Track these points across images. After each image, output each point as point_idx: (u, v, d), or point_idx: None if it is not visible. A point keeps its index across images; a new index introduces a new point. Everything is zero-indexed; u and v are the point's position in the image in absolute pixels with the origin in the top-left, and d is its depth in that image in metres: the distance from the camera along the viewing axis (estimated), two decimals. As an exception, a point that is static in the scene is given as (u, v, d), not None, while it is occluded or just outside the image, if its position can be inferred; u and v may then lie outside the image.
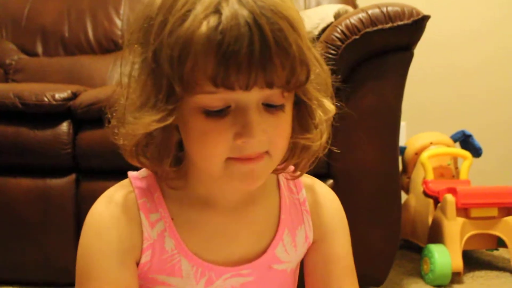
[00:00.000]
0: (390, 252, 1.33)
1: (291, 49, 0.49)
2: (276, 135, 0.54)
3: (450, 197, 1.50)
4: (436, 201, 1.61)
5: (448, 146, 1.76)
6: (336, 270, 0.67)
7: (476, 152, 1.73)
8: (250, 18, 0.47)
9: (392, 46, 1.26)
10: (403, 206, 1.69)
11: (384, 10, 1.21)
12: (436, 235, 1.54)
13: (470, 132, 1.76)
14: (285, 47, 0.48)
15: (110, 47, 2.05)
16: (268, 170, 0.57)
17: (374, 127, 1.29)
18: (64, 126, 1.34)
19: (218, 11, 0.47)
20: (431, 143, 1.76)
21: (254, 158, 0.53)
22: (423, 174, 1.68)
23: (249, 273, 0.62)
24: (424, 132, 1.84)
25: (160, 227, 0.60)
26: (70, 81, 1.76)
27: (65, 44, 2.06)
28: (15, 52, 2.07)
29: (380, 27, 1.21)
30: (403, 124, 1.69)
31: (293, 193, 0.67)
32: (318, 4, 1.91)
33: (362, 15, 1.22)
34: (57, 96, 1.34)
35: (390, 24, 1.20)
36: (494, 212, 1.52)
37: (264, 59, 0.48)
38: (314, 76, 0.55)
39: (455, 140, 1.79)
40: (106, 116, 0.57)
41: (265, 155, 0.54)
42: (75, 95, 1.36)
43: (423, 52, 1.51)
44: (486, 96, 2.19)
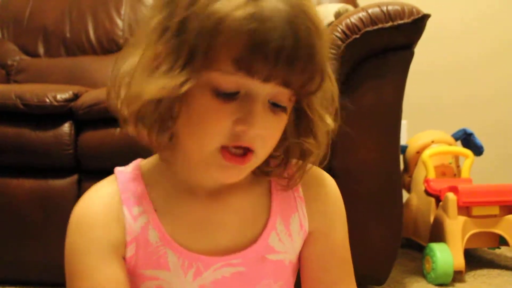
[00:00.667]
0: (392, 251, 1.33)
1: (317, 55, 0.50)
2: (270, 135, 0.54)
3: (451, 195, 1.50)
4: (438, 199, 1.61)
5: (450, 144, 1.76)
6: (332, 261, 0.65)
7: (478, 150, 1.73)
8: (287, 15, 0.49)
9: (393, 45, 1.26)
10: (405, 204, 1.69)
11: (385, 9, 1.21)
12: (437, 233, 1.54)
13: (472, 130, 1.76)
14: (312, 52, 0.50)
15: (111, 47, 2.05)
16: (250, 170, 0.57)
17: (375, 126, 1.29)
18: (66, 127, 1.34)
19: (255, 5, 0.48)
20: (432, 142, 1.76)
21: (243, 158, 0.53)
22: (425, 172, 1.68)
23: (239, 262, 0.61)
24: (425, 130, 1.84)
25: (144, 220, 0.59)
26: (72, 81, 1.76)
27: (66, 44, 2.07)
28: (16, 53, 2.07)
29: (380, 26, 1.21)
30: (404, 123, 1.69)
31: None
32: (319, 3, 1.90)
33: (362, 14, 1.22)
34: (58, 97, 1.34)
35: (390, 23, 1.20)
36: (496, 211, 1.52)
37: (291, 57, 0.49)
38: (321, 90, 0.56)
39: (456, 139, 1.79)
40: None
41: (252, 156, 0.54)
42: (76, 96, 1.36)
43: (424, 51, 1.52)
44: (488, 94, 2.19)
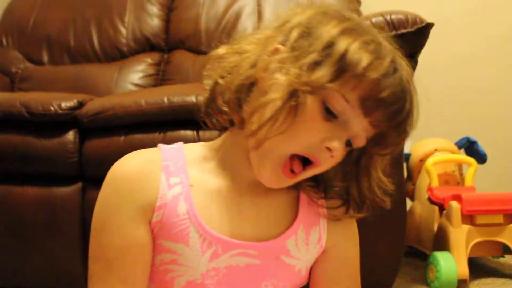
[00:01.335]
0: (395, 259, 1.33)
1: (414, 122, 0.61)
2: (334, 162, 0.61)
3: (455, 204, 1.50)
4: (441, 208, 1.60)
5: (453, 152, 1.76)
6: (343, 278, 0.69)
7: (481, 158, 1.73)
8: (410, 88, 0.60)
9: (396, 54, 1.26)
10: (408, 213, 1.69)
11: (388, 18, 1.22)
12: (441, 242, 1.54)
13: (475, 138, 1.76)
14: (413, 119, 0.61)
15: (115, 55, 2.06)
16: (292, 183, 0.63)
17: (378, 135, 1.29)
18: (70, 135, 1.35)
19: (395, 69, 0.58)
20: (435, 150, 1.76)
21: (294, 175, 0.60)
22: (428, 181, 1.68)
23: (256, 255, 0.63)
24: (428, 138, 1.84)
25: (177, 190, 0.62)
26: (76, 89, 1.77)
27: (70, 52, 2.08)
28: (21, 61, 2.08)
29: (384, 35, 1.21)
30: (408, 131, 1.69)
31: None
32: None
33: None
34: (63, 105, 1.35)
35: (393, 32, 1.21)
36: (500, 219, 1.51)
37: (403, 119, 0.59)
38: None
39: (459, 147, 1.79)
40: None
41: (309, 169, 0.61)
42: (81, 104, 1.37)
43: (427, 59, 1.52)
44: (491, 102, 2.19)
